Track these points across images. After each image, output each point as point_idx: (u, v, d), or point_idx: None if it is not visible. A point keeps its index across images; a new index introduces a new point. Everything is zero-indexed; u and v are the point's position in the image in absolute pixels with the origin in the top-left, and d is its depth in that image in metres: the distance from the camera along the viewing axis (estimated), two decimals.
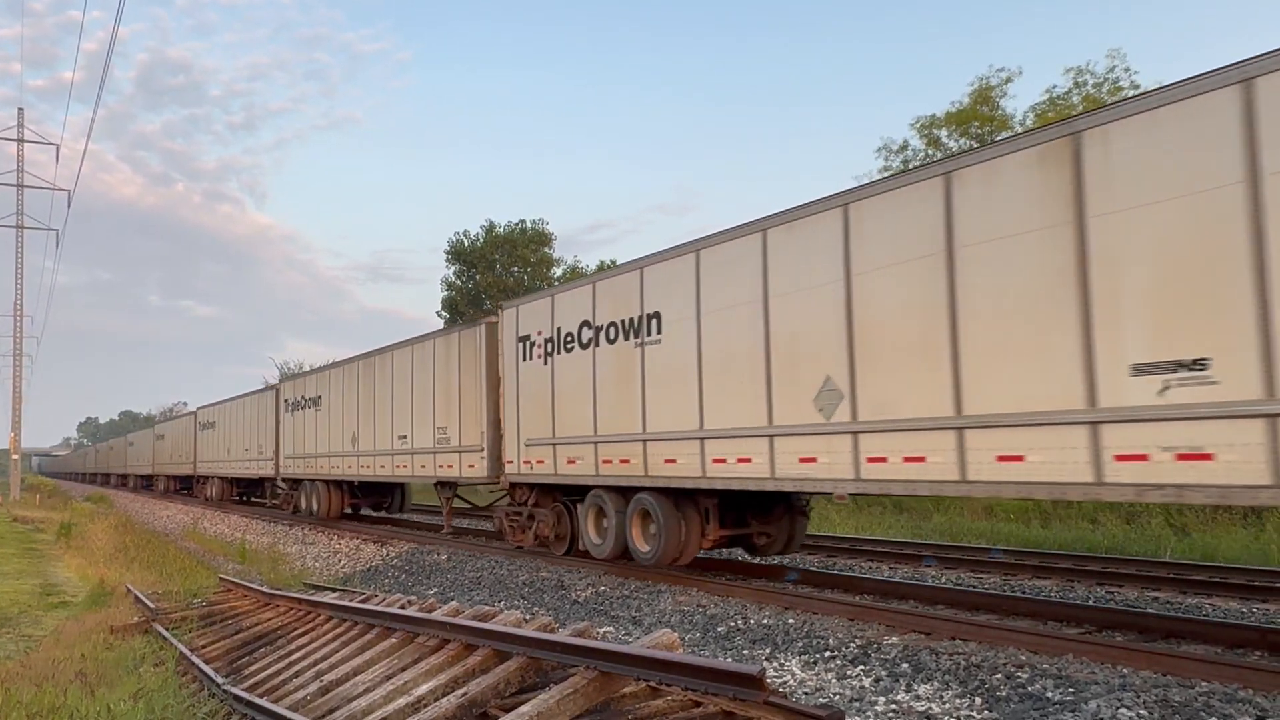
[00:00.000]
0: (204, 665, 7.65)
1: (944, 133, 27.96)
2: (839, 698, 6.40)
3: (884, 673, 6.99)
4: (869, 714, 6.01)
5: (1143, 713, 5.62)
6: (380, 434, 19.66)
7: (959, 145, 27.01)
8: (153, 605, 10.76)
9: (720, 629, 8.95)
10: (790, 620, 9.00)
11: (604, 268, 32.90)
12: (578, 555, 13.59)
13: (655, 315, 11.52)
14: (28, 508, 36.09)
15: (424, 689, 5.75)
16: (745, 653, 8.00)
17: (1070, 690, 6.17)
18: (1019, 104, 37.23)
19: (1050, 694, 6.14)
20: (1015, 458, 7.44)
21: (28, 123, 45.42)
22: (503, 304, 15.19)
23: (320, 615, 8.84)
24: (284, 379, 31.02)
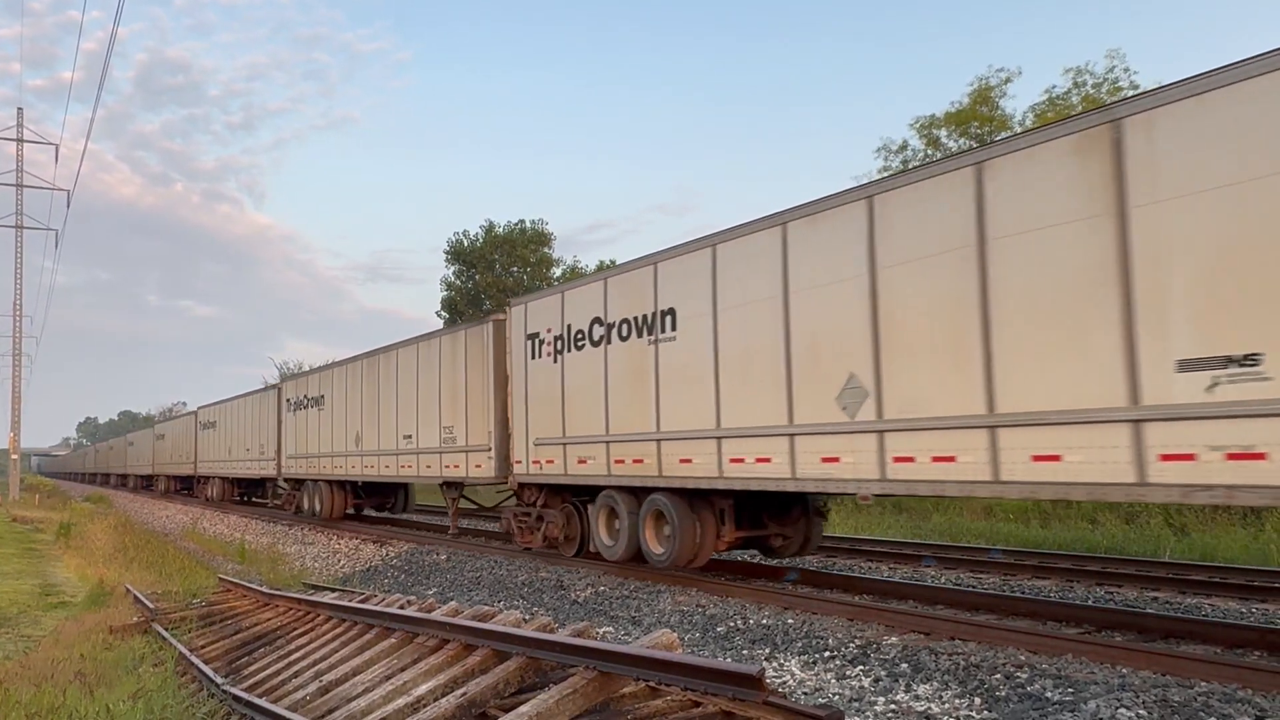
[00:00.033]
0: (203, 665, 7.65)
1: (943, 133, 27.99)
2: (838, 698, 6.40)
3: (883, 673, 6.99)
4: (868, 714, 6.02)
5: (1142, 713, 5.63)
6: (385, 433, 19.46)
7: (958, 145, 27.01)
8: (152, 605, 10.76)
9: (719, 629, 8.95)
10: (789, 620, 9.00)
11: (604, 267, 32.79)
12: (588, 557, 13.42)
13: (670, 312, 11.26)
14: (27, 508, 36.08)
15: (423, 689, 5.75)
16: (745, 653, 8.00)
17: (1069, 690, 6.18)
18: (1018, 104, 37.27)
19: (1049, 694, 6.14)
20: (1052, 457, 7.19)
21: (27, 122, 45.44)
22: (511, 301, 14.89)
23: (319, 615, 8.84)
24: (286, 378, 30.81)
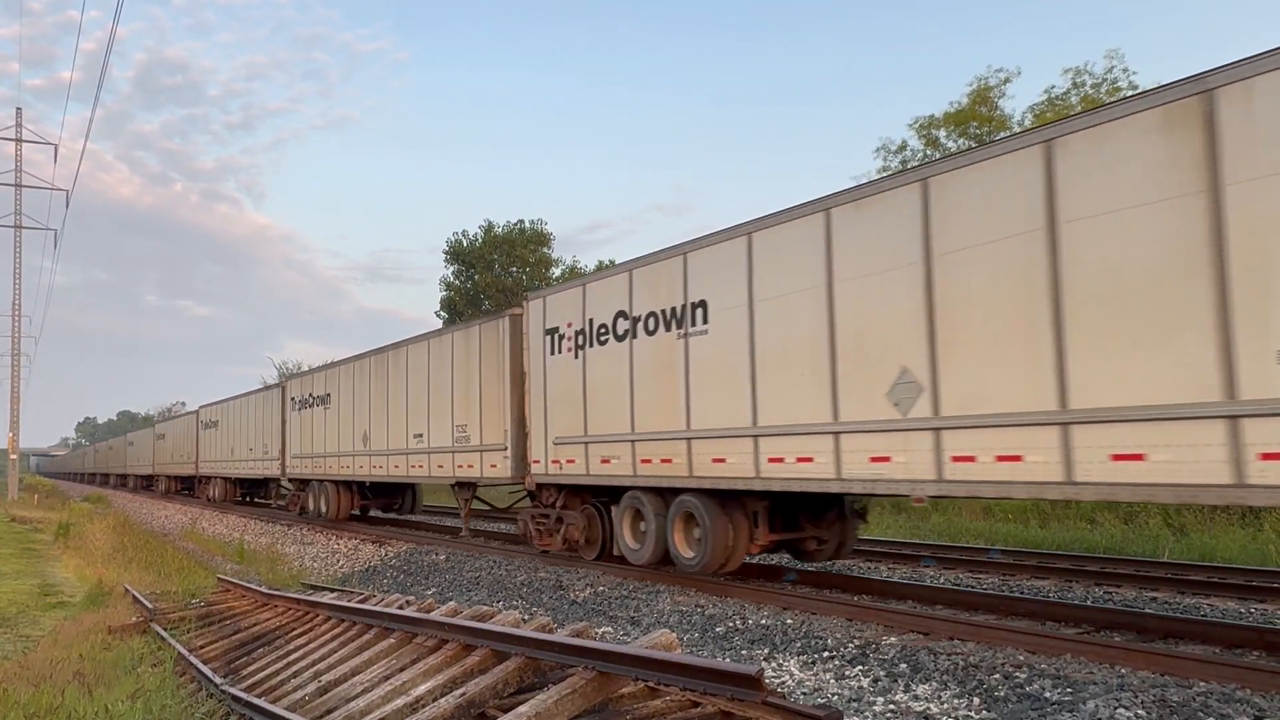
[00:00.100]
0: (202, 665, 7.65)
1: (942, 133, 27.99)
2: (837, 698, 6.40)
3: (882, 673, 6.99)
4: (867, 714, 6.02)
5: (1141, 713, 5.63)
6: (394, 432, 18.97)
7: (957, 145, 27.01)
8: (151, 605, 10.75)
9: (718, 629, 8.96)
10: (788, 620, 9.00)
11: (603, 267, 32.71)
12: (610, 560, 12.92)
13: (701, 304, 10.77)
14: (26, 508, 36.07)
15: (422, 689, 5.75)
16: (743, 653, 8.00)
17: (1068, 690, 6.18)
18: (1017, 104, 37.34)
19: (1048, 694, 6.15)
20: (1133, 456, 6.71)
21: (26, 122, 45.39)
22: (528, 294, 14.38)
23: (318, 615, 8.84)
24: (290, 377, 30.49)
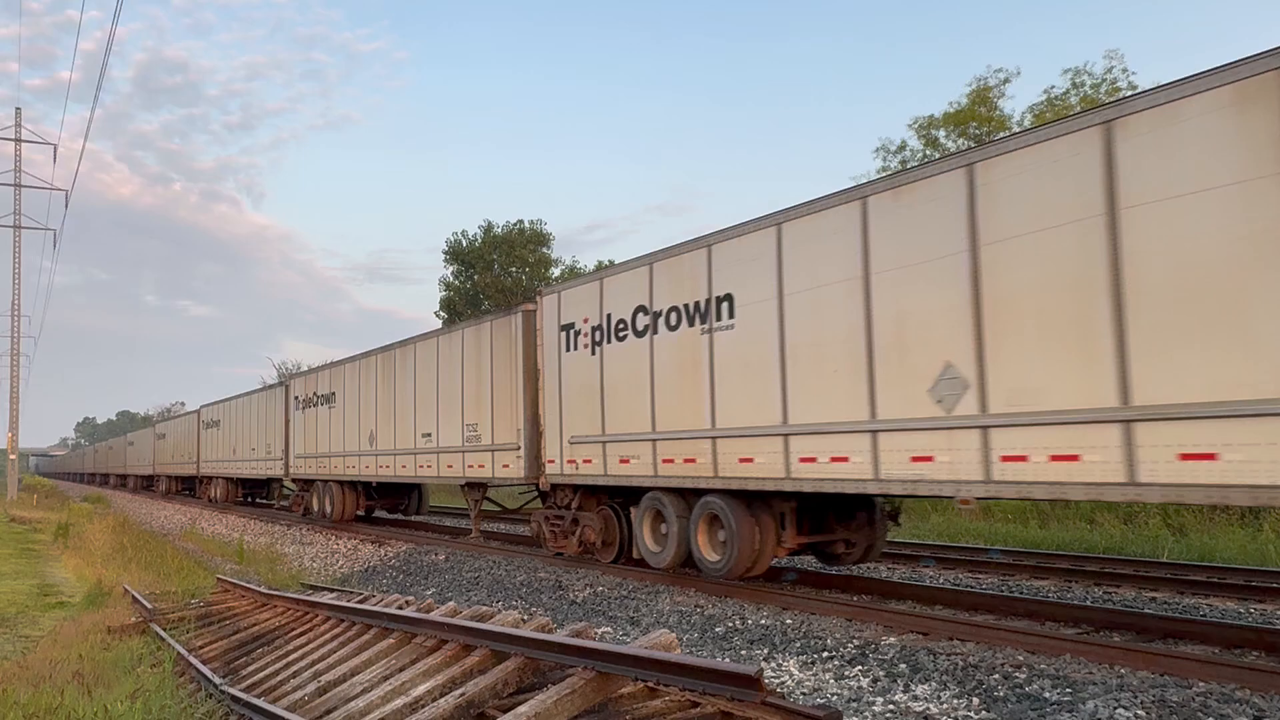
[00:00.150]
0: (201, 666, 7.64)
1: (942, 133, 28.00)
2: (837, 698, 6.40)
3: (882, 673, 6.99)
4: (867, 714, 6.02)
5: (1140, 713, 5.63)
6: (401, 432, 18.63)
7: (956, 146, 27.02)
8: (150, 605, 10.74)
9: (718, 629, 8.96)
10: (788, 620, 9.01)
11: (602, 267, 32.64)
12: (628, 564, 12.55)
13: (726, 298, 10.41)
14: (25, 508, 36.01)
15: (422, 689, 5.75)
16: (743, 653, 8.00)
17: (1068, 690, 6.18)
18: (1017, 104, 37.37)
19: (1048, 694, 6.15)
20: (1205, 456, 6.35)
21: (25, 122, 45.41)
22: (542, 289, 14.12)
23: (318, 615, 8.83)
24: (294, 375, 30.12)
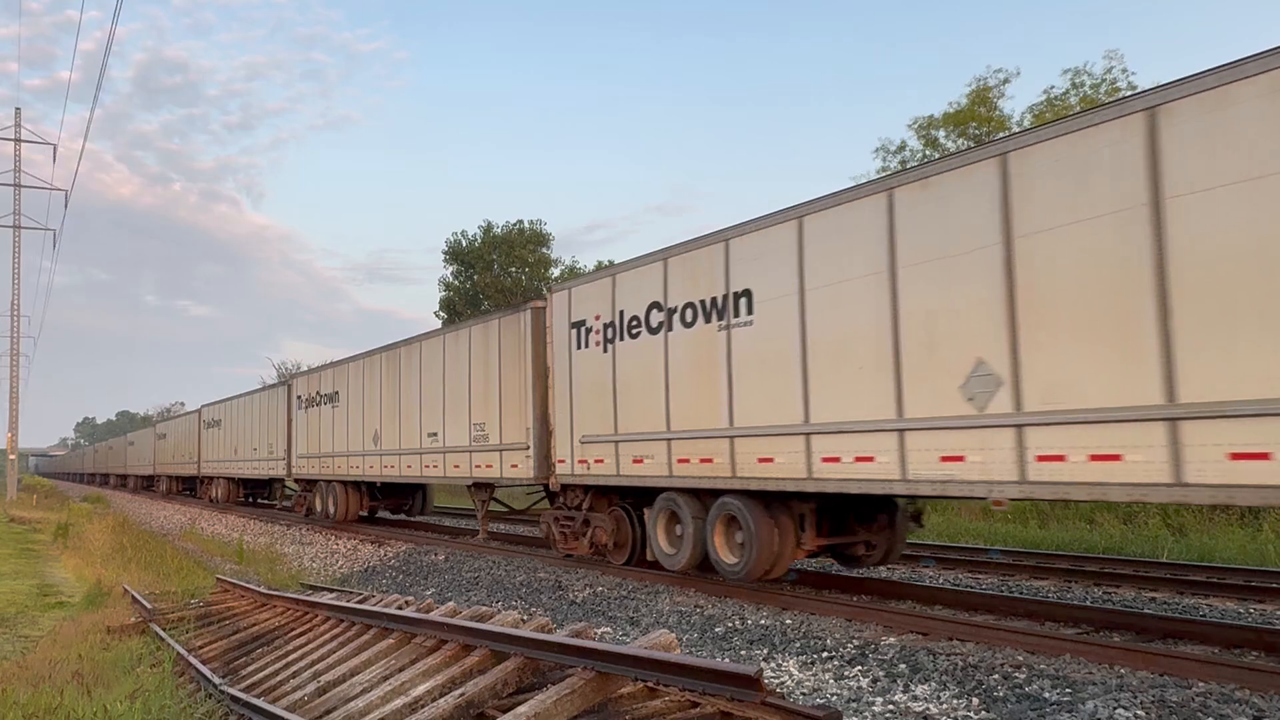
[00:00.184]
0: (201, 666, 7.64)
1: (941, 133, 28.01)
2: (836, 698, 6.40)
3: (881, 673, 7.00)
4: (866, 714, 6.02)
5: (1140, 713, 5.63)
6: (407, 431, 18.41)
7: (956, 146, 27.02)
8: (150, 606, 10.74)
9: (718, 629, 8.96)
10: (788, 620, 9.01)
11: (601, 267, 32.57)
12: (641, 566, 12.30)
13: (745, 293, 10.19)
14: (24, 508, 36.00)
15: (421, 689, 5.75)
16: (743, 653, 8.00)
17: (1068, 690, 6.19)
18: (1016, 104, 37.38)
19: (1047, 694, 6.15)
20: (1258, 455, 6.14)
21: (25, 122, 45.41)
22: (552, 286, 13.88)
23: (317, 615, 8.83)
24: (296, 374, 29.98)
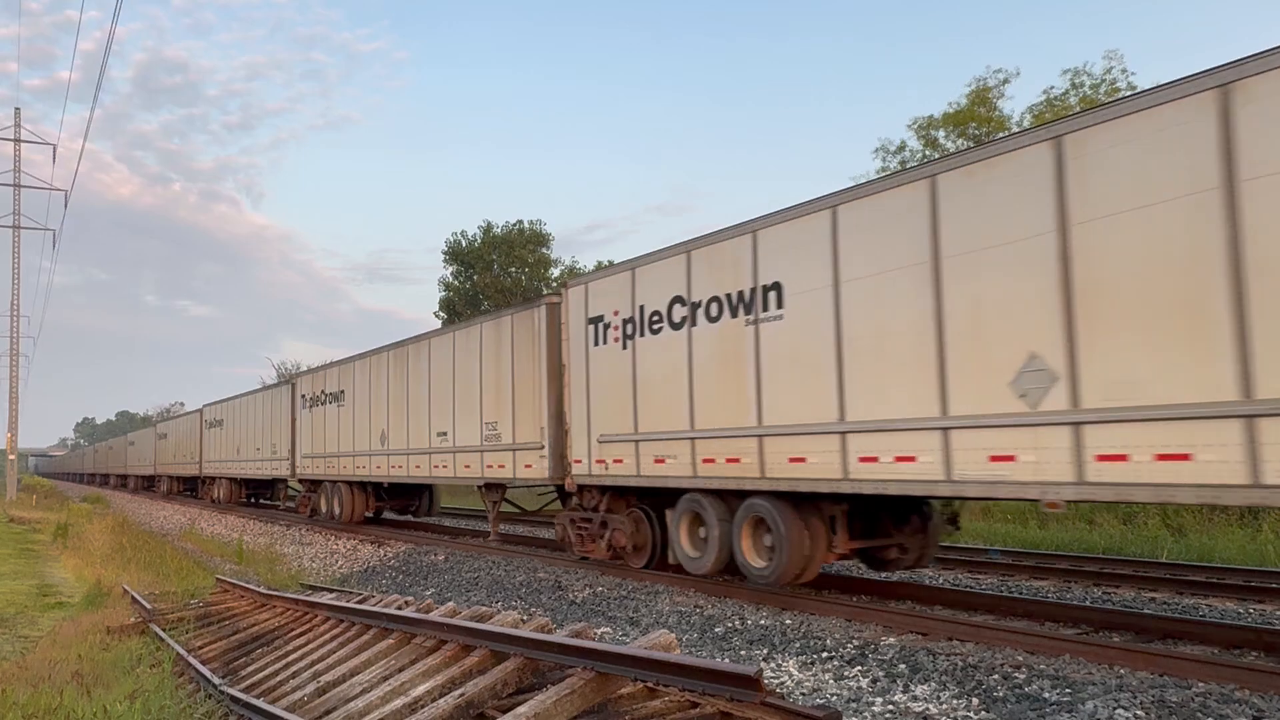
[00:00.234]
0: (201, 666, 7.64)
1: (941, 133, 28.00)
2: (836, 698, 6.40)
3: (881, 673, 7.00)
4: (866, 714, 6.02)
5: (1139, 713, 5.64)
6: (415, 431, 18.04)
7: (956, 146, 27.02)
8: (149, 606, 10.74)
9: (717, 629, 8.96)
10: (787, 621, 9.01)
11: (601, 267, 32.56)
12: (662, 569, 11.90)
13: (774, 286, 9.81)
14: (24, 508, 36.00)
15: (421, 689, 5.75)
16: (742, 653, 8.01)
17: (1067, 691, 6.19)
18: (1016, 105, 37.39)
19: (1047, 694, 6.15)
20: None
21: (25, 122, 45.41)
22: (568, 281, 13.65)
23: (317, 616, 8.83)
24: (300, 373, 29.64)
